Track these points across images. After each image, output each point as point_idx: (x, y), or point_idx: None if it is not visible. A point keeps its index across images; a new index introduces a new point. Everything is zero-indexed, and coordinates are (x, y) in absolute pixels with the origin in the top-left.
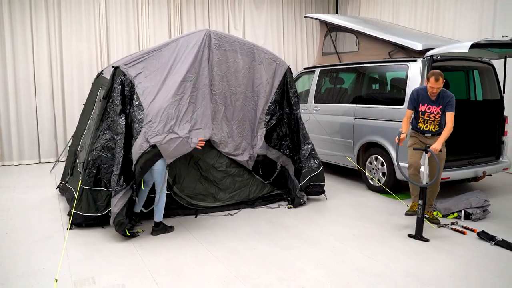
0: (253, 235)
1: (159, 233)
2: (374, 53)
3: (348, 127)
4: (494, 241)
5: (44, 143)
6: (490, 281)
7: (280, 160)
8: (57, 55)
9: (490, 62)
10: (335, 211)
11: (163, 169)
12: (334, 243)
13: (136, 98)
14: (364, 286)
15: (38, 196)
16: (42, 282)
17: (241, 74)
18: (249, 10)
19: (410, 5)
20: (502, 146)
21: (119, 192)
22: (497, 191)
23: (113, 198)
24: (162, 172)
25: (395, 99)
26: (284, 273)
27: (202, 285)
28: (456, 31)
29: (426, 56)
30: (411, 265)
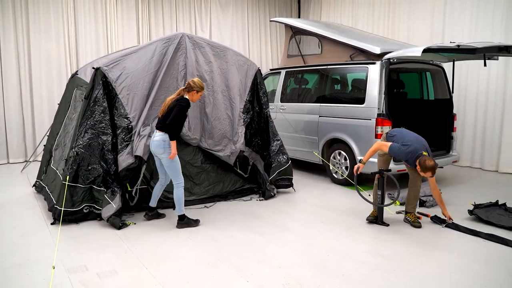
0: (229, 224)
1: (183, 227)
2: (336, 56)
3: (313, 124)
4: (444, 224)
5: (12, 144)
6: (438, 255)
7: (251, 156)
8: (25, 54)
9: (440, 65)
10: (303, 202)
11: (171, 163)
12: (303, 229)
13: (120, 106)
14: (333, 263)
15: (13, 195)
16: (35, 271)
17: (216, 74)
18: (215, 13)
19: (368, 10)
20: (452, 141)
21: (118, 192)
22: (448, 181)
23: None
24: (172, 167)
25: (356, 98)
26: (261, 255)
27: (187, 268)
28: (410, 35)
29: (384, 59)
30: (374, 245)
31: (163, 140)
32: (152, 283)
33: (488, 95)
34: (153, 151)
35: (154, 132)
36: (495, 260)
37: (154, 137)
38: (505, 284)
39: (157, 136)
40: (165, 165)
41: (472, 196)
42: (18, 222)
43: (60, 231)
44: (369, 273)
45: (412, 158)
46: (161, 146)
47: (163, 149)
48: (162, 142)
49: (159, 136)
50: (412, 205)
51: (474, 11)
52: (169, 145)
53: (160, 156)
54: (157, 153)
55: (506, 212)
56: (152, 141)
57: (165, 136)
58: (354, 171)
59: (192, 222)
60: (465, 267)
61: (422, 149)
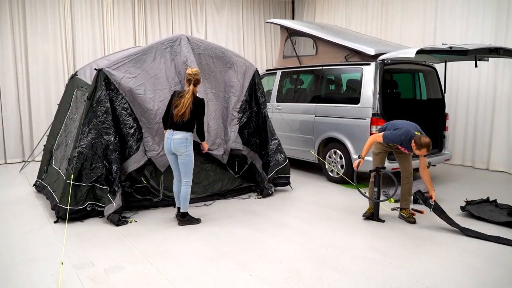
0: (229, 221)
1: (185, 224)
2: (331, 57)
3: (309, 124)
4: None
5: (10, 144)
6: (432, 249)
7: (249, 155)
8: (22, 56)
9: (433, 66)
10: (300, 200)
11: (189, 161)
12: (302, 225)
13: (124, 107)
14: (332, 257)
15: (14, 194)
16: (43, 267)
17: (214, 75)
18: (210, 14)
19: (361, 11)
20: (444, 140)
21: (118, 191)
22: (440, 179)
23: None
24: (188, 164)
25: (351, 98)
26: (262, 251)
27: (191, 263)
28: (402, 36)
29: (379, 60)
30: (370, 240)
31: (185, 138)
32: (157, 278)
33: (479, 95)
34: (173, 149)
35: (169, 132)
36: (487, 254)
37: (174, 136)
38: (496, 276)
39: (178, 135)
40: (183, 163)
41: (464, 193)
42: (22, 220)
43: (63, 228)
44: (366, 267)
45: (406, 139)
46: (184, 144)
47: (185, 147)
48: (184, 140)
49: (180, 134)
50: (406, 201)
51: (464, 13)
52: (191, 143)
53: (181, 154)
54: (178, 151)
55: (496, 208)
56: (172, 139)
57: (187, 135)
58: (354, 167)
59: (194, 220)
60: (458, 260)
61: (414, 130)
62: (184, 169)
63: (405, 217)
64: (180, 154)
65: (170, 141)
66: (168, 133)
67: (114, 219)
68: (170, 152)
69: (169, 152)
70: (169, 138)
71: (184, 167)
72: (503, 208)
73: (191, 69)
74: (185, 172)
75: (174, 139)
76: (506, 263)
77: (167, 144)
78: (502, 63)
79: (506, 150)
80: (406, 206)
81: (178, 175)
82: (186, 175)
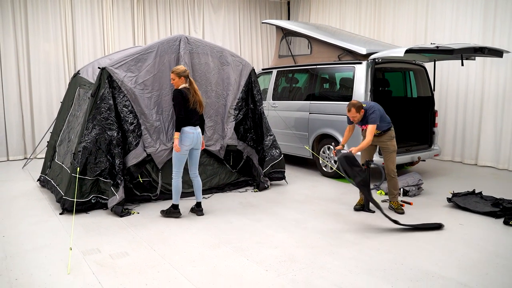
0: (227, 212)
1: (165, 215)
2: (325, 56)
3: (304, 121)
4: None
5: (12, 141)
6: (418, 237)
7: (245, 150)
8: (24, 55)
9: (422, 65)
10: (295, 193)
11: (177, 155)
12: (296, 216)
13: (129, 104)
14: (324, 243)
15: (19, 189)
16: (52, 254)
17: (212, 74)
18: (207, 14)
19: (355, 12)
20: (433, 135)
21: (121, 184)
22: (430, 173)
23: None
24: (177, 158)
25: (344, 96)
26: (259, 238)
27: (192, 249)
28: (395, 36)
29: (370, 59)
30: (360, 228)
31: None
32: (161, 262)
33: (467, 93)
34: (198, 143)
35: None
36: (468, 240)
37: (197, 130)
38: (474, 258)
39: (198, 129)
40: (197, 156)
41: (452, 186)
42: (28, 212)
43: (68, 220)
44: (356, 251)
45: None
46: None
47: (201, 140)
48: (201, 134)
49: (199, 129)
50: (392, 195)
51: (454, 14)
52: None
53: (198, 148)
54: (199, 145)
55: (481, 199)
56: (198, 133)
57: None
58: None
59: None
60: (441, 245)
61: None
62: (197, 160)
63: (394, 208)
64: (199, 147)
65: (196, 135)
66: (192, 129)
67: (117, 211)
68: (191, 146)
69: (190, 147)
70: (195, 133)
71: (174, 159)
72: (488, 199)
73: (180, 67)
74: (197, 164)
75: (199, 133)
76: (484, 247)
77: (194, 139)
78: (489, 62)
79: (493, 146)
80: (394, 199)
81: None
82: (173, 168)
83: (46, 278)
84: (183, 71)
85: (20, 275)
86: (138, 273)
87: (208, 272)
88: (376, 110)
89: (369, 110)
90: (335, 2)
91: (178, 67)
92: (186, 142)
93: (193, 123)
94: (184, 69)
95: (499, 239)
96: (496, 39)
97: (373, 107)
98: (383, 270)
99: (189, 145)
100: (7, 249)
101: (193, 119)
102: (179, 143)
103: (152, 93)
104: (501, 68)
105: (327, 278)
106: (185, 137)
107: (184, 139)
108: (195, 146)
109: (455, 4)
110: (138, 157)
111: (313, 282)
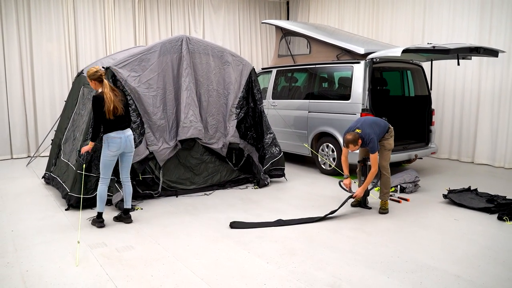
0: (228, 208)
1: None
2: (324, 56)
3: (303, 119)
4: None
5: (15, 140)
6: (413, 231)
7: (246, 148)
8: (27, 55)
9: (420, 64)
10: (294, 190)
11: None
12: (296, 211)
13: (132, 103)
14: (323, 237)
15: (24, 186)
16: (60, 247)
17: (213, 73)
18: (208, 14)
19: (353, 12)
20: (430, 134)
21: None
22: (427, 171)
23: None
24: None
25: (343, 95)
26: (260, 233)
27: (195, 243)
28: (392, 36)
29: (368, 59)
30: (358, 223)
31: (132, 135)
32: (165, 255)
33: (464, 92)
34: (127, 146)
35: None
36: (462, 235)
37: (126, 133)
38: (468, 252)
39: (129, 131)
40: (130, 159)
41: (448, 184)
42: (35, 208)
43: (75, 215)
44: (354, 245)
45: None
46: (133, 141)
47: (132, 143)
48: (132, 137)
49: (130, 131)
50: (382, 193)
51: (451, 14)
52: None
53: (131, 151)
54: (132, 147)
55: (477, 196)
56: (126, 137)
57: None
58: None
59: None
60: (436, 240)
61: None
62: (129, 165)
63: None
64: (131, 150)
65: (124, 139)
66: (118, 133)
67: (121, 206)
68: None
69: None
70: (122, 137)
71: (129, 164)
72: (483, 196)
73: (90, 69)
74: (128, 169)
75: (128, 135)
76: (477, 241)
77: (121, 144)
78: (486, 61)
79: (490, 144)
80: (382, 197)
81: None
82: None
83: (56, 270)
84: (92, 74)
85: (30, 267)
86: (144, 266)
87: (211, 264)
88: (372, 137)
89: (366, 139)
90: (334, 3)
91: (89, 69)
92: (113, 148)
93: (120, 127)
94: (93, 72)
95: (492, 234)
96: (492, 39)
97: (368, 134)
98: (379, 263)
99: (116, 150)
100: (17, 243)
101: (118, 124)
102: (105, 149)
103: (157, 91)
104: (497, 68)
105: (325, 270)
106: (111, 143)
107: (111, 144)
108: (125, 150)
109: (452, 4)
110: (140, 155)
111: (312, 274)
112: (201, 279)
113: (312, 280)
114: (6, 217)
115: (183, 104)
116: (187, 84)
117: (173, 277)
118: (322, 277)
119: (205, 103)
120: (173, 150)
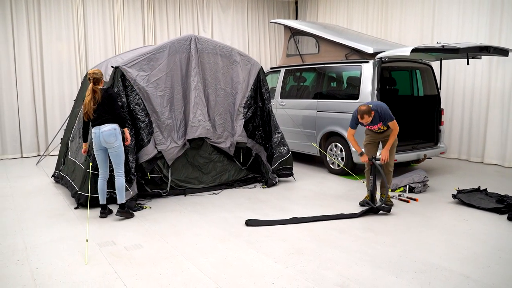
0: (236, 207)
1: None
2: (333, 55)
3: (311, 119)
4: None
5: (26, 139)
6: (421, 231)
7: (254, 148)
8: (37, 54)
9: (429, 64)
10: (302, 189)
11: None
12: (304, 211)
13: (141, 102)
14: (331, 237)
15: (34, 184)
16: (70, 245)
17: (221, 73)
18: (216, 14)
19: (362, 12)
20: (440, 134)
21: (134, 180)
22: (436, 171)
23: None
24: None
25: (351, 94)
26: (268, 232)
27: (203, 242)
28: (401, 35)
29: (377, 58)
30: (366, 223)
31: (113, 129)
32: (174, 254)
33: (474, 91)
34: (103, 141)
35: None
36: (469, 234)
37: (102, 128)
38: (475, 251)
39: (106, 127)
40: (115, 154)
41: (457, 184)
42: (45, 207)
43: (84, 213)
44: (362, 245)
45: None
46: (113, 135)
47: (115, 137)
48: (113, 130)
49: (108, 126)
50: (384, 188)
51: (460, 13)
52: (120, 133)
53: (112, 145)
54: (109, 142)
55: (486, 196)
56: (101, 132)
57: (115, 125)
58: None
59: (130, 213)
60: (443, 240)
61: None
62: (118, 160)
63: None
64: (111, 144)
65: (98, 135)
66: (94, 129)
67: (130, 205)
68: (100, 147)
69: (99, 147)
70: (97, 133)
71: (117, 158)
72: (493, 196)
73: (91, 70)
74: (118, 163)
75: (103, 131)
76: (487, 241)
77: (96, 139)
78: (496, 61)
79: (500, 144)
80: (384, 192)
81: (105, 173)
82: (120, 166)
83: (65, 268)
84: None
85: (40, 265)
86: (152, 264)
87: (219, 263)
88: (384, 107)
89: (379, 110)
90: (343, 2)
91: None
92: (93, 143)
93: (97, 123)
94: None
95: (502, 234)
96: (502, 38)
97: (380, 105)
98: (388, 262)
99: (96, 145)
100: (27, 241)
101: (95, 120)
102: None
103: (165, 91)
104: (507, 67)
105: (333, 269)
106: (92, 138)
107: (92, 140)
108: (105, 145)
109: (462, 3)
110: (149, 154)
111: (320, 273)
112: (209, 278)
113: (320, 280)
114: (16, 216)
115: (192, 103)
116: (196, 84)
117: (181, 276)
118: (330, 277)
119: (213, 102)
120: (181, 149)
